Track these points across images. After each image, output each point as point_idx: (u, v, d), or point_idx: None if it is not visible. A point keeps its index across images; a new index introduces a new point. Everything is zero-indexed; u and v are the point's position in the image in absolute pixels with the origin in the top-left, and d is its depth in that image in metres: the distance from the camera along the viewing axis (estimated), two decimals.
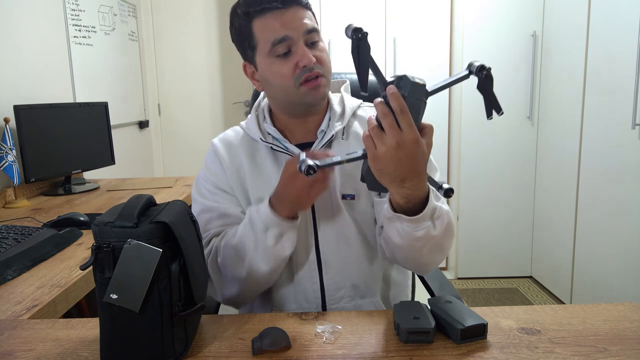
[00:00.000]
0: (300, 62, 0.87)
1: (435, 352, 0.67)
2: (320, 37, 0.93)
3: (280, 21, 0.87)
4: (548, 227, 2.79)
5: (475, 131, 2.90)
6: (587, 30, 2.30)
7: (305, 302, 0.97)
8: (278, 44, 0.87)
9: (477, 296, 2.82)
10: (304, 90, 0.89)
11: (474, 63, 0.72)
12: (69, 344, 0.71)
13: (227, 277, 0.91)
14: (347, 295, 0.97)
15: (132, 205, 0.66)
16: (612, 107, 2.14)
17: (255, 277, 0.89)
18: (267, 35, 0.88)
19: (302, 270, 0.96)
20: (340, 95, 1.03)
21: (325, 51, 0.93)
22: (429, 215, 0.77)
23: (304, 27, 0.88)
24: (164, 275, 0.64)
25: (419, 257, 0.85)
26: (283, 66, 0.88)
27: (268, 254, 0.87)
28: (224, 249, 0.91)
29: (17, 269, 1.07)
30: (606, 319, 0.76)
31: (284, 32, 0.87)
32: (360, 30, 0.69)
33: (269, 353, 0.68)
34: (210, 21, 3.56)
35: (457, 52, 2.89)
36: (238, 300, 0.95)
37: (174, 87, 3.62)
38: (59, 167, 2.01)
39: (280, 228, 0.85)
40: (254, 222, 0.87)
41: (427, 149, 0.72)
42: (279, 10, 0.87)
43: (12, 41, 1.96)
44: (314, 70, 0.88)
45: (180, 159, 3.66)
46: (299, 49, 0.87)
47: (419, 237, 0.79)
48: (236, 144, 1.01)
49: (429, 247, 0.82)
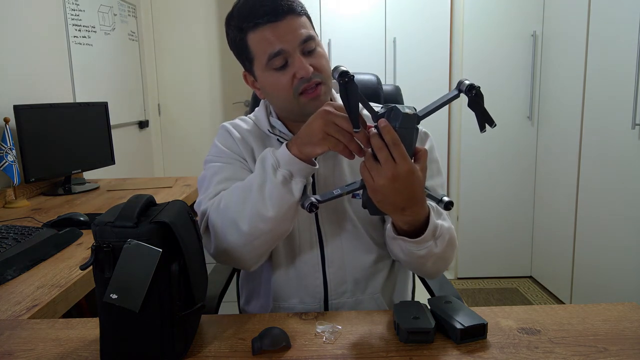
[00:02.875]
0: (298, 73, 0.87)
1: (435, 352, 0.67)
2: (318, 41, 0.92)
3: (274, 34, 0.87)
4: (548, 227, 2.79)
5: (475, 131, 2.87)
6: (587, 30, 2.30)
7: (307, 296, 0.97)
8: (274, 58, 0.87)
9: (477, 296, 2.82)
10: (303, 100, 0.90)
11: (464, 82, 0.73)
12: (69, 344, 0.71)
13: (226, 223, 0.84)
14: (349, 290, 0.98)
15: (132, 205, 0.66)
16: (612, 107, 2.14)
17: (257, 223, 0.81)
18: (262, 49, 0.88)
19: (306, 264, 0.97)
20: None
21: (324, 57, 0.92)
22: (431, 236, 0.81)
23: (298, 37, 0.87)
24: (164, 275, 0.64)
25: (424, 269, 0.90)
26: (281, 78, 0.89)
27: (273, 195, 0.80)
28: (228, 193, 0.87)
29: (17, 269, 1.07)
30: (606, 319, 0.76)
31: (279, 45, 0.87)
32: (347, 73, 0.69)
33: (269, 353, 0.68)
34: (211, 21, 3.56)
35: (457, 52, 2.89)
36: (234, 254, 0.86)
37: (174, 87, 3.62)
38: (59, 167, 2.01)
39: (291, 167, 0.80)
40: (265, 159, 0.82)
41: (422, 174, 0.74)
42: (272, 23, 0.87)
43: (12, 41, 1.96)
44: (312, 80, 0.88)
45: (180, 159, 3.66)
46: (295, 60, 0.87)
47: (422, 255, 0.83)
48: (247, 130, 1.02)
49: (432, 262, 0.86)
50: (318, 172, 0.97)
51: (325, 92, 0.92)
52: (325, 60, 0.92)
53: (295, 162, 0.80)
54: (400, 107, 0.71)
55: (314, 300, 0.97)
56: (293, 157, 0.80)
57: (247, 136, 1.00)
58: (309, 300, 0.97)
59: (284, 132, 0.98)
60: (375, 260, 0.99)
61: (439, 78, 2.90)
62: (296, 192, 0.81)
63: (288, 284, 0.98)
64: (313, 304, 0.97)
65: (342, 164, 0.98)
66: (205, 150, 1.06)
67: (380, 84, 1.30)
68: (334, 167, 0.98)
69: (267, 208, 0.80)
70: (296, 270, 0.97)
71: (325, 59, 0.93)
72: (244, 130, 1.02)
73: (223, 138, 1.01)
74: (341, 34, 2.87)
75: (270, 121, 1.00)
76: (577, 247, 2.46)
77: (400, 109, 0.70)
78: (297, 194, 0.81)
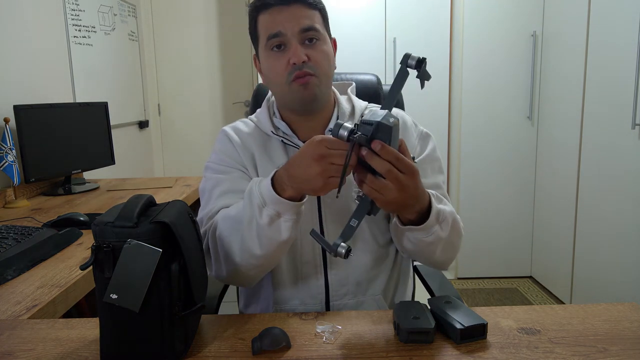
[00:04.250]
0: (291, 59, 0.88)
1: (435, 352, 0.67)
2: (323, 37, 0.92)
3: (278, 17, 0.89)
4: (548, 227, 2.79)
5: (475, 131, 2.90)
6: (587, 30, 2.30)
7: (309, 298, 0.97)
8: (272, 39, 0.90)
9: (477, 296, 2.82)
10: (294, 86, 0.90)
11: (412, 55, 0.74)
12: (69, 344, 0.71)
13: (221, 252, 0.87)
14: (351, 292, 0.97)
15: (132, 205, 0.66)
16: (612, 107, 2.14)
17: (248, 259, 0.83)
18: (265, 29, 0.91)
19: (308, 265, 0.97)
20: (346, 96, 1.04)
21: (324, 52, 0.92)
22: (435, 220, 0.83)
23: (299, 25, 0.89)
24: (164, 275, 0.64)
25: (434, 257, 0.92)
26: (277, 62, 0.91)
27: (260, 234, 0.80)
28: (222, 220, 0.88)
29: (17, 269, 1.07)
30: (606, 319, 0.76)
31: (278, 27, 0.89)
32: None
33: (269, 353, 0.68)
34: (210, 21, 3.56)
35: (457, 52, 2.89)
36: (230, 279, 0.90)
37: (174, 87, 3.62)
38: (59, 167, 2.01)
39: (277, 208, 0.78)
40: (252, 195, 0.81)
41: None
42: (280, 6, 0.89)
43: (12, 41, 1.96)
44: (304, 69, 0.89)
45: (180, 159, 3.66)
46: (291, 46, 0.89)
47: (431, 241, 0.85)
48: (247, 133, 1.02)
49: (440, 248, 0.88)
50: None
51: (317, 85, 0.91)
52: (323, 56, 0.92)
53: (285, 203, 0.77)
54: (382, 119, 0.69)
55: (315, 302, 0.97)
56: (281, 198, 0.77)
57: (248, 140, 1.00)
58: (310, 302, 0.97)
59: (287, 134, 0.98)
60: (377, 262, 0.99)
61: (438, 78, 2.90)
62: (284, 232, 0.80)
63: (289, 286, 0.97)
64: (314, 306, 0.97)
65: None
66: (205, 150, 1.06)
67: (380, 84, 1.30)
68: None
69: (255, 246, 0.82)
70: (298, 272, 0.97)
71: (324, 55, 0.92)
72: (245, 134, 1.01)
73: (222, 144, 1.01)
74: (341, 33, 2.86)
75: (274, 122, 0.99)
76: (577, 247, 2.46)
77: (384, 122, 0.69)
78: (285, 234, 0.80)
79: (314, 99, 0.92)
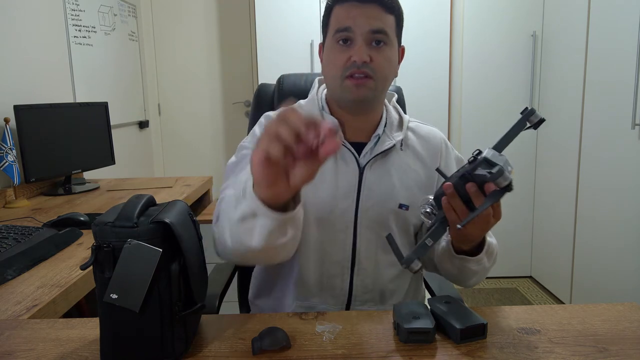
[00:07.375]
0: (353, 56, 0.88)
1: (435, 352, 0.67)
2: (391, 43, 0.92)
3: (351, 12, 0.89)
4: (548, 227, 2.79)
5: (475, 131, 2.90)
6: (587, 30, 2.30)
7: (331, 297, 0.97)
8: (341, 32, 0.90)
9: (477, 296, 2.82)
10: (347, 83, 0.90)
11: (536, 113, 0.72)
12: (69, 344, 0.71)
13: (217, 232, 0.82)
14: (372, 300, 0.98)
15: (132, 205, 0.66)
16: (612, 107, 2.14)
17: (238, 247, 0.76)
18: (336, 21, 0.92)
19: (335, 266, 0.96)
20: (392, 105, 1.05)
21: (388, 57, 0.91)
22: (484, 253, 0.87)
23: (370, 25, 0.89)
24: (164, 275, 0.64)
25: (468, 281, 0.94)
26: (339, 55, 0.91)
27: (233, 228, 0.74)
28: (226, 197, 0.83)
29: (17, 269, 1.07)
30: (606, 319, 0.76)
31: (349, 22, 0.89)
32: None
33: (269, 353, 0.68)
34: (211, 21, 3.56)
35: (457, 52, 2.89)
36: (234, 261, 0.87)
37: (174, 87, 3.62)
38: (59, 167, 2.01)
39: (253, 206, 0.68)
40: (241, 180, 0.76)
41: None
42: (356, 3, 0.89)
43: (12, 41, 1.96)
44: (362, 69, 0.88)
45: (180, 159, 3.66)
46: (357, 44, 0.89)
47: (474, 270, 0.89)
48: None
49: (479, 275, 0.92)
50: (365, 178, 0.95)
51: (372, 88, 0.90)
52: (386, 60, 0.91)
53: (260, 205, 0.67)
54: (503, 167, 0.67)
55: (337, 303, 0.97)
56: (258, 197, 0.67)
57: None
58: (332, 302, 0.97)
59: None
60: (401, 274, 1.00)
61: (439, 78, 2.89)
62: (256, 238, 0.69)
63: (313, 283, 0.96)
64: (335, 307, 0.97)
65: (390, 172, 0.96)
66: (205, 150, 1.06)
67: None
68: (381, 176, 0.96)
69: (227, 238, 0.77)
70: (324, 269, 0.96)
71: (387, 60, 0.91)
72: None
73: (262, 128, 0.97)
74: None
75: (323, 114, 0.98)
76: (577, 247, 2.46)
77: (506, 172, 0.66)
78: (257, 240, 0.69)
79: (363, 100, 0.92)
